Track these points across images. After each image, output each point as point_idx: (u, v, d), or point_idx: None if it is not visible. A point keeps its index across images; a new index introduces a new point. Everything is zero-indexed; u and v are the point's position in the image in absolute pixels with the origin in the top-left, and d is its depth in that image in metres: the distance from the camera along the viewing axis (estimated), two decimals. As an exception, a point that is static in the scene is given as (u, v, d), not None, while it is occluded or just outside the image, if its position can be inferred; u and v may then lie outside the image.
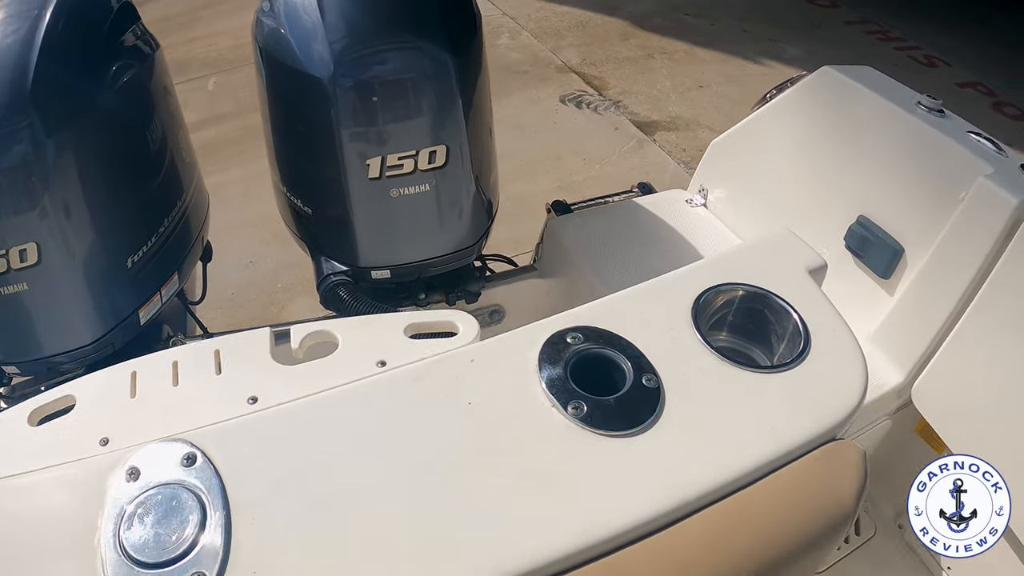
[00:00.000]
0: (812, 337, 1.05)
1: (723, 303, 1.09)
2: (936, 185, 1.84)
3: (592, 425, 0.85)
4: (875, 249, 1.98)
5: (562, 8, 6.61)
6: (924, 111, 1.97)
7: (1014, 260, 1.69)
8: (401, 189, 1.87)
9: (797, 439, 0.91)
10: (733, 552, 0.81)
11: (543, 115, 5.05)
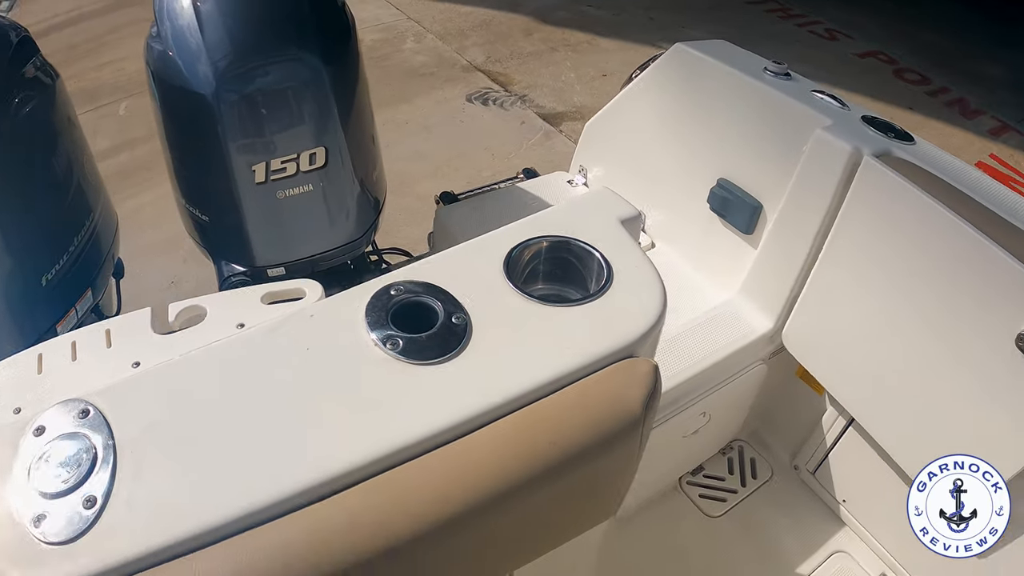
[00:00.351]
0: (615, 273, 1.19)
1: (532, 254, 1.24)
2: (782, 142, 2.01)
3: (407, 357, 1.02)
4: (735, 207, 2.16)
5: (466, 8, 6.76)
6: (771, 76, 2.14)
7: (855, 202, 1.86)
8: (287, 191, 2.03)
9: (592, 357, 1.06)
10: (531, 450, 0.97)
11: (450, 115, 5.19)
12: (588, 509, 1.27)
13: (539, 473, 0.99)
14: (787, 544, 2.35)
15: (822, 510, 2.44)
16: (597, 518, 1.32)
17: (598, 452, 1.05)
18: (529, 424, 0.99)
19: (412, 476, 0.92)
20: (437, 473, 0.93)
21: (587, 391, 1.05)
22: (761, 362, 2.19)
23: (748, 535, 2.35)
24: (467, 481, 0.94)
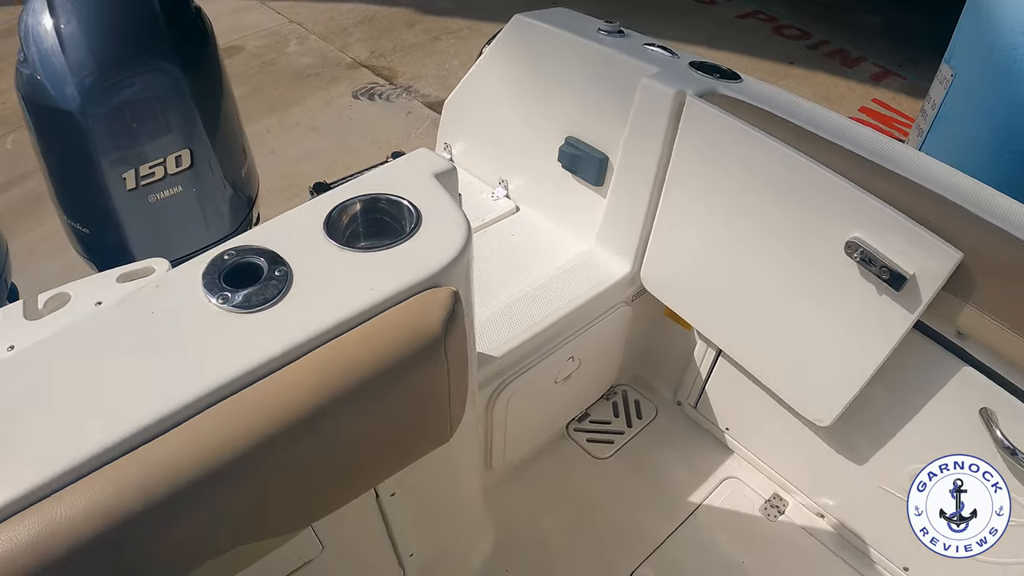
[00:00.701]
0: (423, 218, 1.31)
1: (352, 214, 1.35)
2: (616, 95, 2.10)
3: (238, 308, 1.15)
4: (584, 162, 2.26)
5: (347, 6, 6.78)
6: (604, 35, 2.23)
7: (685, 141, 1.96)
8: (158, 194, 2.12)
9: (395, 290, 1.18)
10: (335, 376, 1.09)
11: (338, 113, 5.22)
12: (419, 432, 1.38)
13: (345, 394, 1.11)
14: (678, 476, 2.48)
15: (708, 440, 2.57)
16: (432, 441, 1.42)
17: (402, 372, 1.17)
18: (335, 354, 1.12)
19: (237, 405, 1.04)
20: (257, 402, 1.05)
21: (389, 320, 1.17)
22: (624, 304, 2.30)
23: (638, 472, 2.46)
24: (283, 406, 1.06)
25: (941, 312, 1.71)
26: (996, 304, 1.63)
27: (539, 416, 2.34)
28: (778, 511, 2.43)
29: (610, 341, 2.38)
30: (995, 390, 1.75)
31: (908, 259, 1.65)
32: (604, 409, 2.61)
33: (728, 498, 2.45)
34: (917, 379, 1.89)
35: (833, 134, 1.85)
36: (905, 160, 1.82)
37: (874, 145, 1.85)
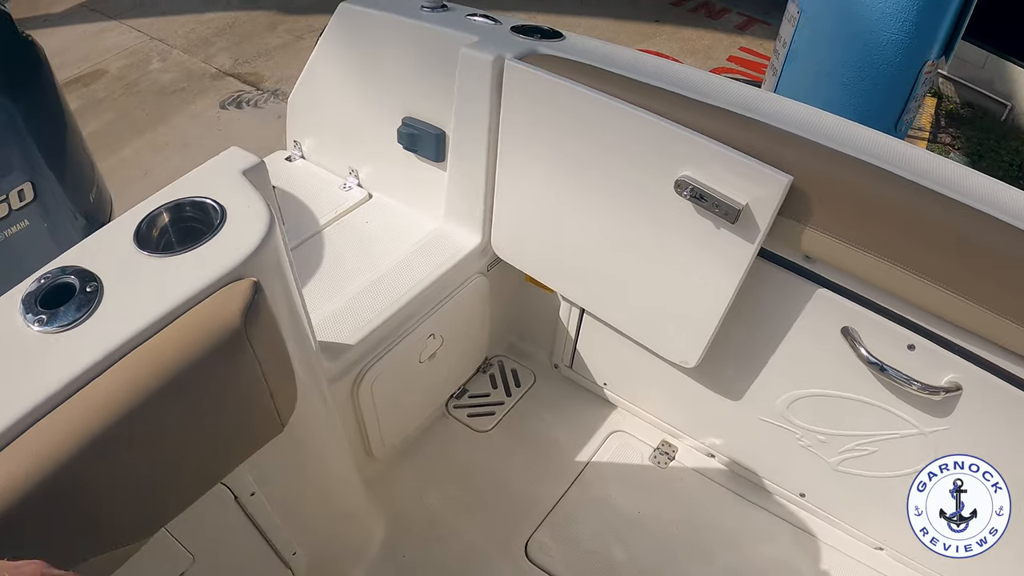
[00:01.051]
0: (228, 215, 1.30)
1: (161, 222, 1.33)
2: (442, 69, 2.09)
3: (53, 329, 1.14)
4: (423, 141, 2.24)
5: (207, 15, 6.62)
6: (427, 11, 2.21)
7: (510, 106, 1.96)
8: (4, 232, 2.04)
9: (200, 286, 1.18)
10: (153, 374, 1.10)
11: (207, 127, 5.10)
12: (246, 425, 1.36)
13: (159, 395, 1.11)
14: (563, 438, 2.50)
15: (589, 398, 2.59)
16: (264, 433, 1.40)
17: (208, 368, 1.16)
18: (145, 358, 1.12)
19: (55, 422, 1.04)
20: (75, 415, 1.05)
21: (192, 318, 1.16)
22: (479, 275, 2.30)
23: (523, 440, 2.48)
24: (100, 415, 1.06)
25: (785, 239, 1.74)
26: (834, 223, 1.66)
27: (412, 397, 2.33)
28: (668, 457, 2.46)
29: (472, 314, 2.37)
30: (853, 308, 1.79)
31: (739, 190, 1.67)
32: (482, 382, 2.61)
33: (616, 452, 2.47)
34: (776, 308, 1.92)
35: (655, 78, 1.86)
36: (731, 95, 1.84)
37: (698, 84, 1.87)
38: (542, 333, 2.58)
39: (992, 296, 1.57)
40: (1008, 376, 1.67)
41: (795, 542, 2.34)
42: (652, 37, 6.00)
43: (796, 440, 2.18)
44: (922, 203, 1.60)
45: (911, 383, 1.79)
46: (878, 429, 2.01)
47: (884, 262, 1.64)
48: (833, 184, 1.65)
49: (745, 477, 2.43)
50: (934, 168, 1.69)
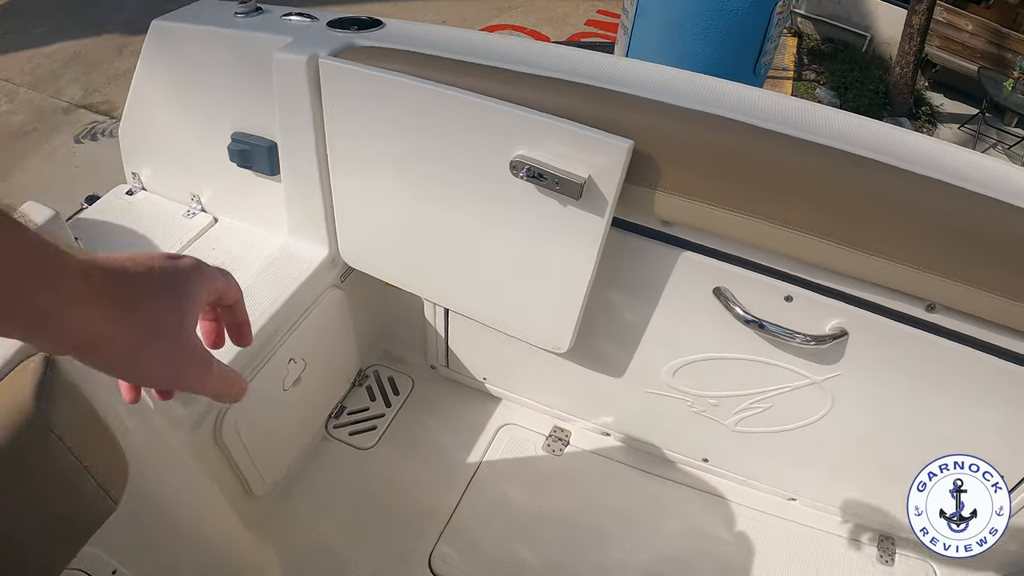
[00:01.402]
0: None
1: None
2: (261, 75, 1.96)
3: None
4: (255, 155, 2.10)
5: (51, 48, 6.33)
6: (241, 17, 2.07)
7: (331, 105, 1.84)
8: None
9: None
10: None
11: (63, 165, 4.88)
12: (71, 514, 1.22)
13: None
14: (450, 441, 2.41)
15: (472, 395, 2.51)
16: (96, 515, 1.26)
17: (9, 458, 1.02)
18: None
19: None
20: None
21: None
22: (333, 288, 2.18)
23: (410, 450, 2.38)
24: None
25: (637, 206, 1.67)
26: (684, 183, 1.60)
27: (285, 428, 2.20)
28: (562, 443, 2.40)
29: (333, 329, 2.25)
30: (722, 267, 1.75)
31: (579, 163, 1.60)
32: (359, 396, 2.50)
33: (508, 446, 2.39)
34: (643, 279, 1.87)
35: (485, 56, 1.77)
36: (571, 64, 1.76)
37: (534, 57, 1.79)
38: (412, 335, 2.48)
39: (861, 236, 1.54)
40: (890, 312, 1.67)
41: (706, 508, 2.31)
42: (506, 11, 5.96)
43: (688, 407, 2.14)
44: (772, 149, 1.56)
45: (794, 336, 1.76)
46: (769, 385, 1.98)
47: (743, 216, 1.59)
48: (676, 143, 1.59)
49: (644, 451, 2.38)
50: (780, 110, 1.65)
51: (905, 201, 1.53)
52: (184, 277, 0.70)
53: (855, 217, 1.54)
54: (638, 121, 1.58)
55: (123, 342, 0.63)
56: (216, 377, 0.76)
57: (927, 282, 1.56)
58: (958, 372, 1.74)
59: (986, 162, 1.70)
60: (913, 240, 1.54)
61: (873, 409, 1.92)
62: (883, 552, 2.28)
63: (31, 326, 0.56)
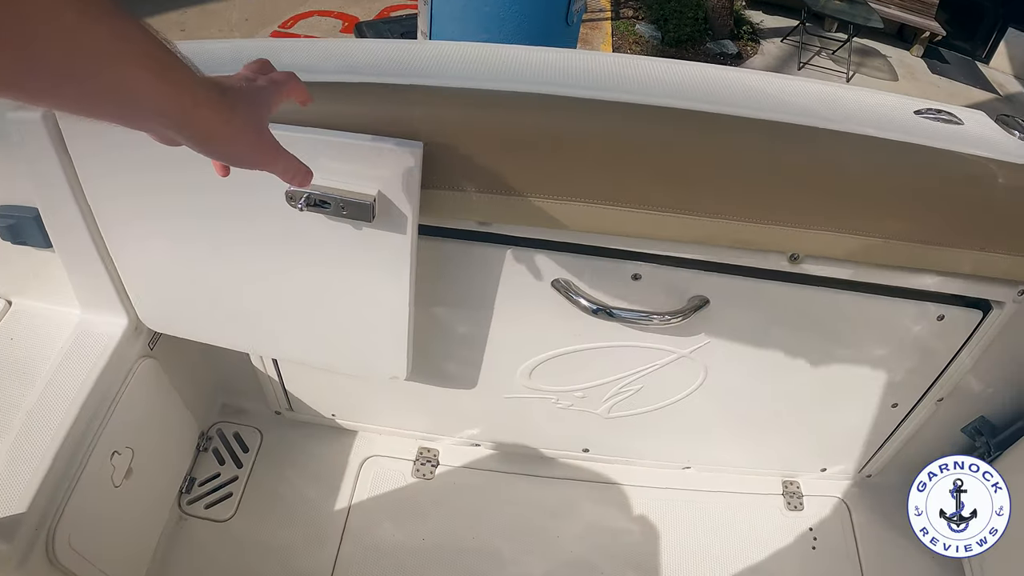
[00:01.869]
0: None
1: None
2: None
3: None
4: (24, 228, 1.79)
5: None
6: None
7: (81, 161, 1.56)
8: None
9: None
10: None
11: None
12: None
13: None
14: (314, 491, 2.22)
15: (326, 434, 2.33)
16: None
17: None
18: None
19: None
20: None
21: None
22: (143, 359, 1.92)
23: (273, 510, 2.17)
24: None
25: (446, 211, 1.51)
26: (489, 177, 1.45)
27: (129, 526, 1.94)
28: (432, 465, 2.25)
29: (154, 402, 1.99)
30: (555, 258, 1.63)
31: (364, 180, 1.40)
32: (207, 463, 2.24)
33: (376, 481, 2.22)
34: (473, 285, 1.73)
35: None
36: (353, 58, 1.55)
37: (296, 60, 1.55)
38: (247, 383, 2.23)
39: (703, 202, 1.45)
40: (752, 271, 1.61)
41: (599, 499, 2.23)
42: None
43: (554, 404, 2.03)
44: (580, 119, 1.43)
45: (650, 318, 1.66)
46: (635, 367, 1.89)
47: (563, 201, 1.46)
48: (474, 133, 1.43)
49: (520, 454, 2.27)
50: (588, 70, 1.55)
51: (744, 152, 1.44)
52: (262, 91, 0.97)
53: (692, 181, 1.44)
54: (428, 117, 1.40)
55: (226, 133, 0.89)
56: (283, 161, 1.03)
57: (785, 236, 1.49)
58: (831, 315, 1.71)
59: (813, 87, 1.65)
60: (760, 194, 1.45)
61: (749, 368, 1.87)
62: (790, 498, 2.28)
63: (177, 122, 0.81)
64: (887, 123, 1.53)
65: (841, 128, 1.48)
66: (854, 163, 1.46)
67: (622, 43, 7.50)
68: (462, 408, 2.09)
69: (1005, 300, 1.67)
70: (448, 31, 3.53)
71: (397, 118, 1.39)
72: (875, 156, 1.47)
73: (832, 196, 1.46)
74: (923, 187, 1.46)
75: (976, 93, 8.40)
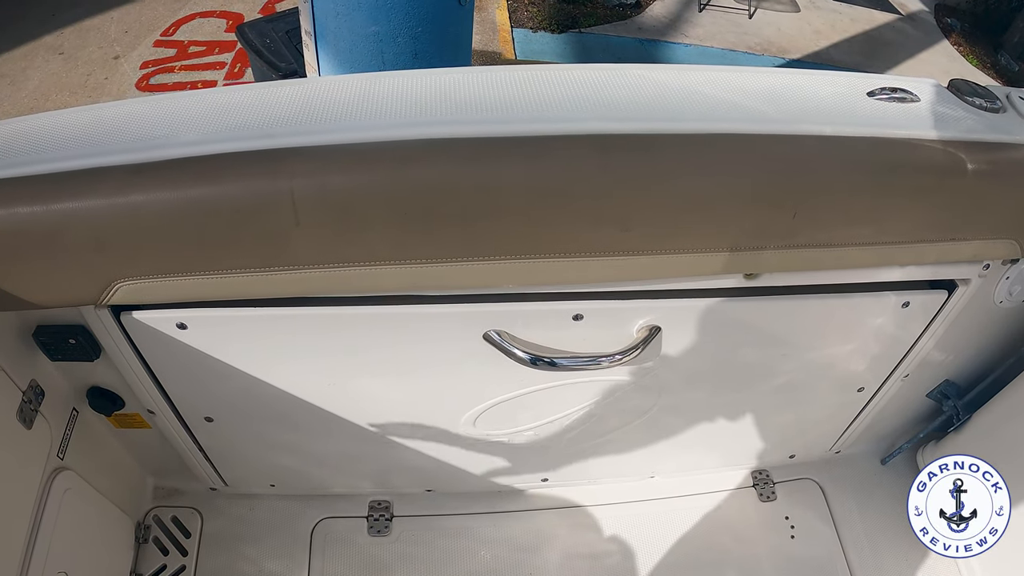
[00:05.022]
0: None
1: None
2: None
3: None
4: None
5: None
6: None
7: None
8: None
9: None
10: None
11: None
12: None
13: None
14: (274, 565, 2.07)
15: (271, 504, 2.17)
16: None
17: None
18: None
19: None
20: None
21: None
22: (57, 472, 1.67)
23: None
24: None
25: (359, 286, 1.35)
26: (395, 249, 1.29)
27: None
28: (386, 518, 2.11)
29: (76, 511, 1.75)
30: (483, 309, 1.49)
31: None
32: (150, 555, 2.03)
33: (331, 546, 2.07)
34: (403, 346, 1.57)
35: None
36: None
37: None
38: (175, 465, 2.03)
39: (646, 239, 1.32)
40: (706, 292, 1.52)
41: (572, 525, 2.15)
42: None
43: (506, 445, 1.91)
44: (464, 169, 1.25)
45: (598, 362, 1.54)
46: (585, 402, 1.78)
47: (478, 262, 1.31)
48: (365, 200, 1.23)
49: (477, 493, 2.13)
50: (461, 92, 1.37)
51: (680, 175, 1.30)
52: None
53: (628, 217, 1.30)
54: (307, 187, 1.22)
55: None
56: None
57: (739, 259, 1.38)
58: (791, 320, 1.64)
59: (753, 79, 1.51)
60: (705, 221, 1.33)
61: (707, 382, 1.80)
62: (762, 487, 2.21)
63: None
64: (842, 115, 1.40)
65: (794, 131, 1.34)
66: (811, 169, 1.33)
67: (517, 4, 7.29)
68: (408, 462, 1.95)
69: (971, 277, 1.59)
70: (332, 27, 3.33)
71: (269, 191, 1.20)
72: (834, 158, 1.33)
73: (787, 211, 1.33)
74: (888, 187, 1.36)
75: (878, 15, 8.35)
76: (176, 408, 1.73)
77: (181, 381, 1.64)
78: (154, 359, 1.56)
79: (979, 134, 1.40)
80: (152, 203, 1.18)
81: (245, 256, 1.25)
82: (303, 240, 1.24)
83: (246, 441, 1.89)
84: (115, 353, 1.53)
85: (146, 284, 1.27)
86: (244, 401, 1.69)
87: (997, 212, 1.44)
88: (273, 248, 1.25)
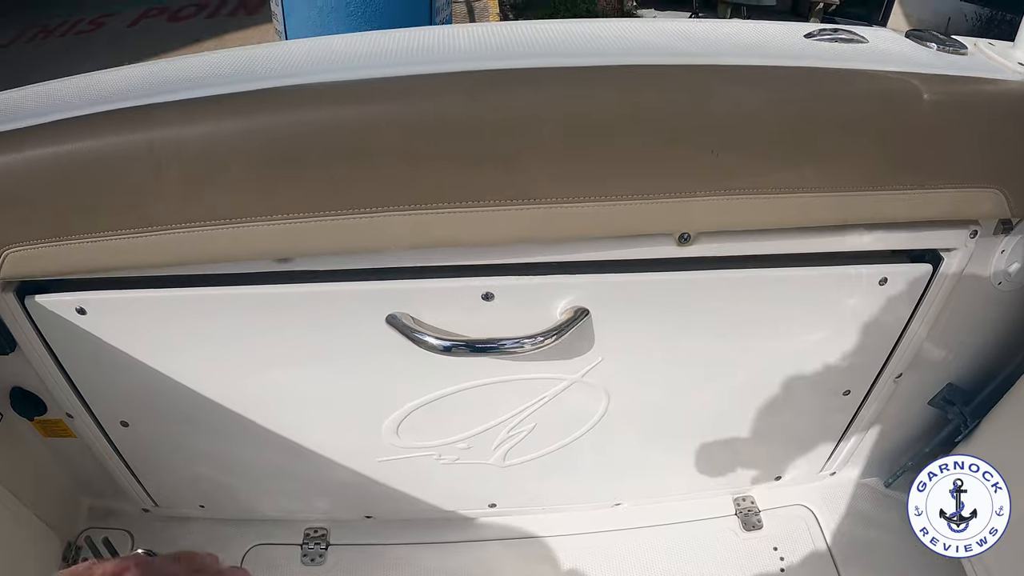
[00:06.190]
0: None
1: None
2: None
3: None
4: None
5: None
6: None
7: None
8: None
9: None
10: None
11: None
12: None
13: None
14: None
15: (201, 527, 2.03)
16: None
17: None
18: None
19: None
20: None
21: None
22: None
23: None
24: None
25: (235, 249, 1.25)
26: (271, 202, 1.21)
27: None
28: (322, 546, 1.96)
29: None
30: (382, 288, 1.35)
31: None
32: None
33: (257, 573, 1.92)
34: (288, 336, 1.44)
35: None
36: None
37: None
38: (107, 482, 1.93)
39: (552, 183, 1.20)
40: (633, 264, 1.35)
41: (526, 557, 1.92)
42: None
43: (437, 460, 1.73)
44: (354, 108, 1.18)
45: (520, 345, 1.37)
46: (520, 404, 1.59)
47: (366, 215, 1.20)
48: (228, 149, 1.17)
49: (420, 520, 1.97)
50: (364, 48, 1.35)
51: (599, 108, 1.17)
52: None
53: (534, 157, 1.19)
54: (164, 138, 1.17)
55: None
56: None
57: (668, 210, 1.23)
58: (742, 299, 1.45)
59: (673, 25, 1.42)
60: (626, 160, 1.20)
61: (659, 382, 1.59)
62: (745, 516, 1.97)
63: None
64: (771, 49, 1.29)
65: (716, 62, 1.21)
66: (738, 103, 1.19)
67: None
68: (337, 480, 1.80)
69: (956, 246, 1.40)
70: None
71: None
72: (763, 90, 1.20)
73: (705, 148, 1.19)
74: (830, 117, 1.21)
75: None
76: (92, 410, 1.63)
77: (91, 377, 1.54)
78: (61, 351, 1.47)
79: (942, 70, 1.26)
80: (16, 163, 1.16)
81: (118, 213, 1.19)
82: (168, 191, 1.17)
83: (166, 451, 1.77)
84: (26, 345, 1.45)
85: (32, 252, 1.22)
86: (153, 400, 1.57)
87: (970, 153, 1.28)
88: (142, 201, 1.18)
